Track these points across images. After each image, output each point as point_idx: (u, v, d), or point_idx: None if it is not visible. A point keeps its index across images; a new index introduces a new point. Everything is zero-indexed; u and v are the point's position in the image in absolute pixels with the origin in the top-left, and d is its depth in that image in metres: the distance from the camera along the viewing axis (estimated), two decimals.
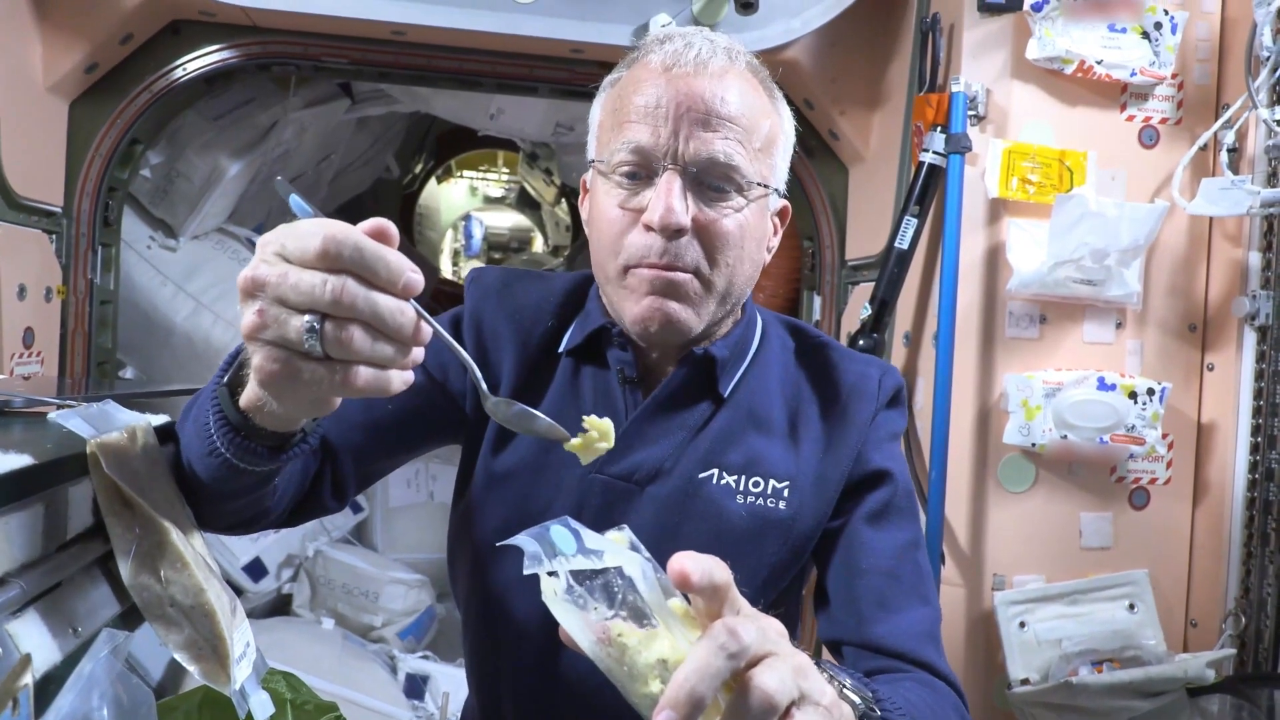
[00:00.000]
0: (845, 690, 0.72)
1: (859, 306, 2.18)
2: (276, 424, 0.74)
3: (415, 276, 0.64)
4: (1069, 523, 1.99)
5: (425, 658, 3.11)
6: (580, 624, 0.60)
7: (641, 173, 0.95)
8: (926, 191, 2.01)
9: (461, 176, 7.20)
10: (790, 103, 1.08)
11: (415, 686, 2.95)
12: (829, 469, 1.02)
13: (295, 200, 0.68)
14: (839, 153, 2.50)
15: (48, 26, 2.15)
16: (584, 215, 1.07)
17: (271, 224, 3.76)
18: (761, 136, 0.97)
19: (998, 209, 1.98)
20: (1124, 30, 1.96)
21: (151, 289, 2.89)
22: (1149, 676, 1.81)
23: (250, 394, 0.72)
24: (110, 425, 0.85)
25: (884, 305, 2.08)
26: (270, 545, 3.35)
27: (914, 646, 0.95)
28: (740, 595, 0.59)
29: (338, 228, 0.62)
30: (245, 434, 0.75)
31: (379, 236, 0.64)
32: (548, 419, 0.81)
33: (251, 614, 3.18)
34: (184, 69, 2.31)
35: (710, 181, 0.94)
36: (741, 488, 1.01)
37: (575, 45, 2.22)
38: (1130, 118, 2.02)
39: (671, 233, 0.92)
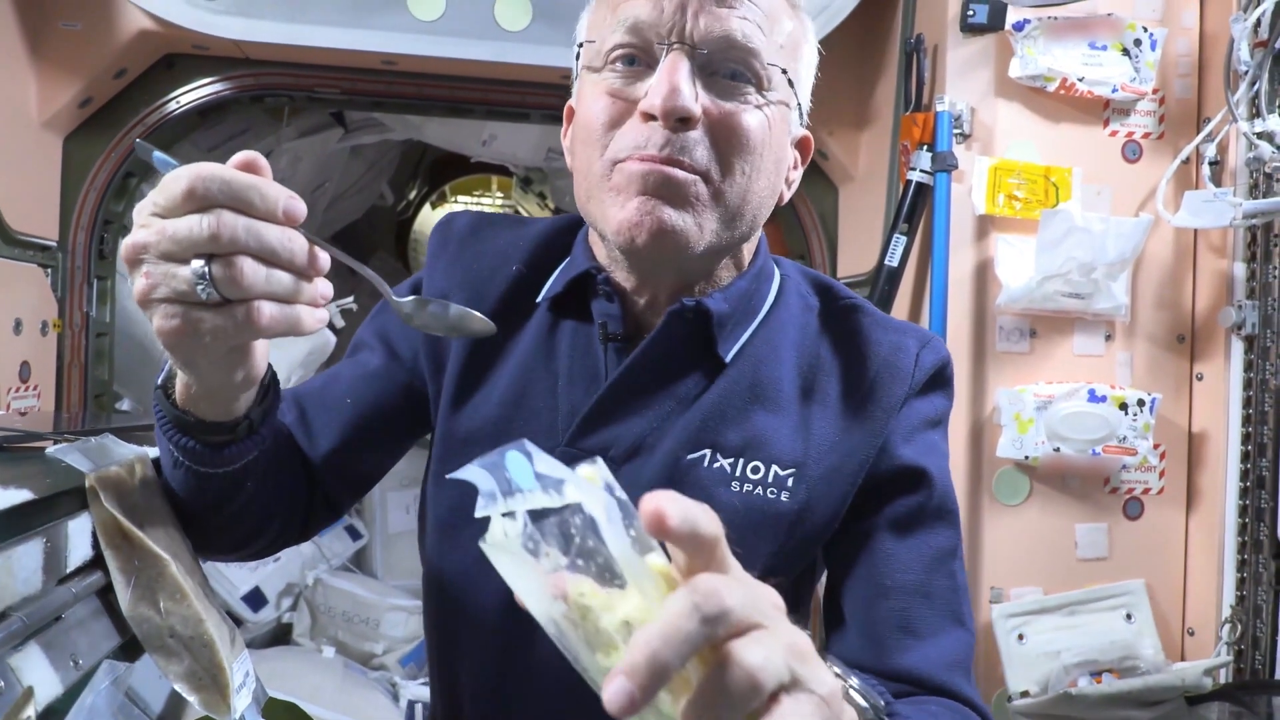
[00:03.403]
0: (851, 691, 0.63)
1: None
2: (214, 410, 0.72)
3: (296, 203, 0.62)
4: (1064, 534, 2.00)
5: (426, 684, 3.10)
6: (529, 575, 0.49)
7: (641, 59, 0.79)
8: (915, 209, 2.03)
9: (456, 202, 7.23)
10: None
11: (417, 714, 2.94)
12: (845, 458, 0.86)
13: (158, 156, 0.65)
14: (828, 172, 2.53)
15: (42, 62, 2.17)
16: (565, 145, 0.91)
17: None
18: (784, 33, 0.82)
19: (985, 225, 2.00)
20: (1104, 48, 1.99)
21: (147, 321, 2.90)
22: (1147, 685, 1.81)
23: (179, 383, 0.70)
24: (108, 459, 0.86)
25: None
26: (269, 574, 3.35)
27: (943, 678, 0.82)
28: (734, 558, 0.49)
29: (202, 166, 0.59)
30: (186, 430, 0.73)
31: (248, 168, 0.62)
32: (473, 311, 0.75)
33: (251, 644, 3.17)
34: (178, 102, 2.33)
35: (725, 68, 0.78)
36: (737, 473, 0.85)
37: (565, 71, 2.23)
38: (1113, 133, 2.05)
39: (675, 121, 0.75)
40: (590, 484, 0.49)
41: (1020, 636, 1.91)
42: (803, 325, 0.91)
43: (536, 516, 0.49)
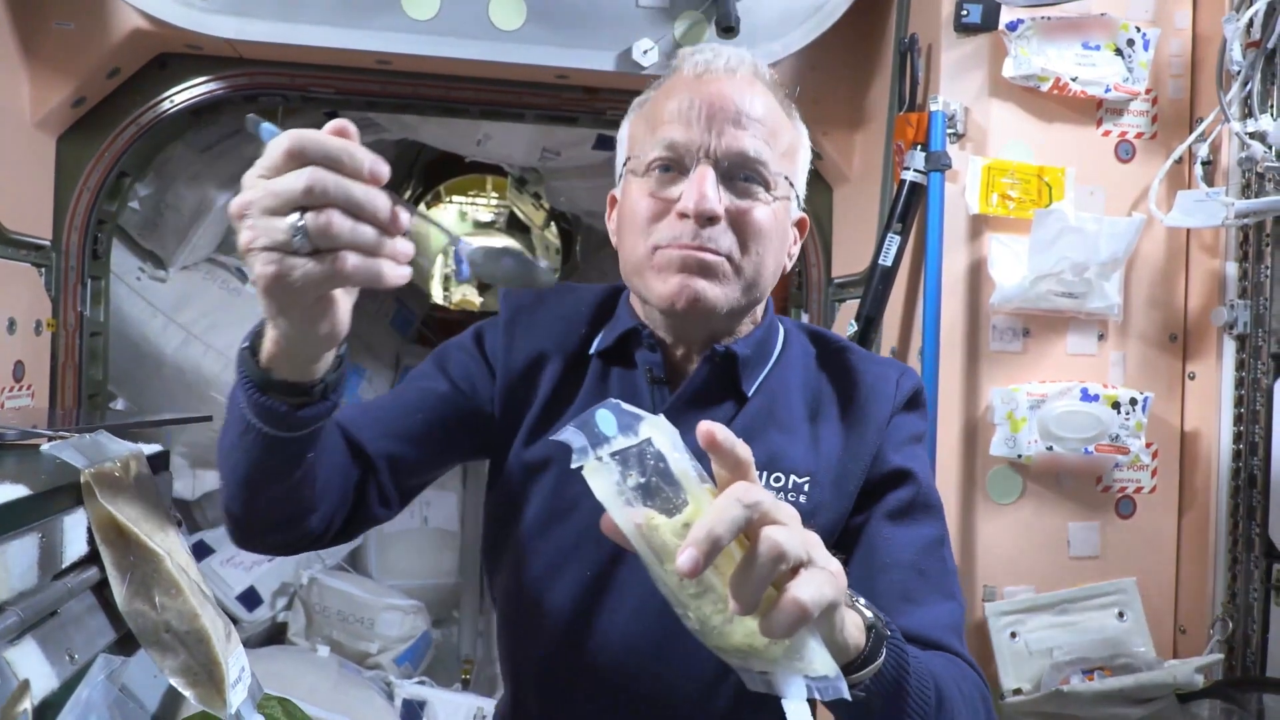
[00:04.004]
0: (858, 604, 0.78)
1: (845, 323, 2.20)
2: (295, 370, 0.79)
3: (380, 165, 0.69)
4: (1057, 533, 2.01)
5: (422, 683, 3.10)
6: (616, 498, 0.67)
7: (675, 167, 1.00)
8: (909, 209, 2.03)
9: (450, 202, 7.22)
10: None
11: (412, 712, 2.94)
12: (848, 465, 1.05)
13: (265, 126, 0.73)
14: (823, 172, 2.54)
15: (35, 62, 2.17)
16: (611, 227, 1.13)
17: None
18: (784, 143, 1.04)
19: (979, 225, 2.01)
20: (1098, 48, 2.00)
21: (141, 320, 2.90)
22: (1139, 683, 1.82)
23: (267, 342, 0.77)
24: (103, 455, 0.86)
25: (870, 322, 2.10)
26: (264, 574, 3.34)
27: (937, 636, 0.96)
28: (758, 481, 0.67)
29: (301, 131, 0.68)
30: (266, 390, 0.79)
31: (340, 134, 0.69)
32: (543, 263, 0.86)
33: (246, 644, 3.15)
34: (171, 102, 2.32)
35: (740, 175, 1.00)
36: (762, 483, 1.00)
37: (560, 71, 2.25)
38: (1106, 133, 2.06)
39: (705, 220, 0.97)
40: (660, 424, 0.69)
41: (1013, 634, 1.92)
42: (804, 365, 1.13)
43: (619, 452, 0.67)
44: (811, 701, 0.69)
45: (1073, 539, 2.01)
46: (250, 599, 3.27)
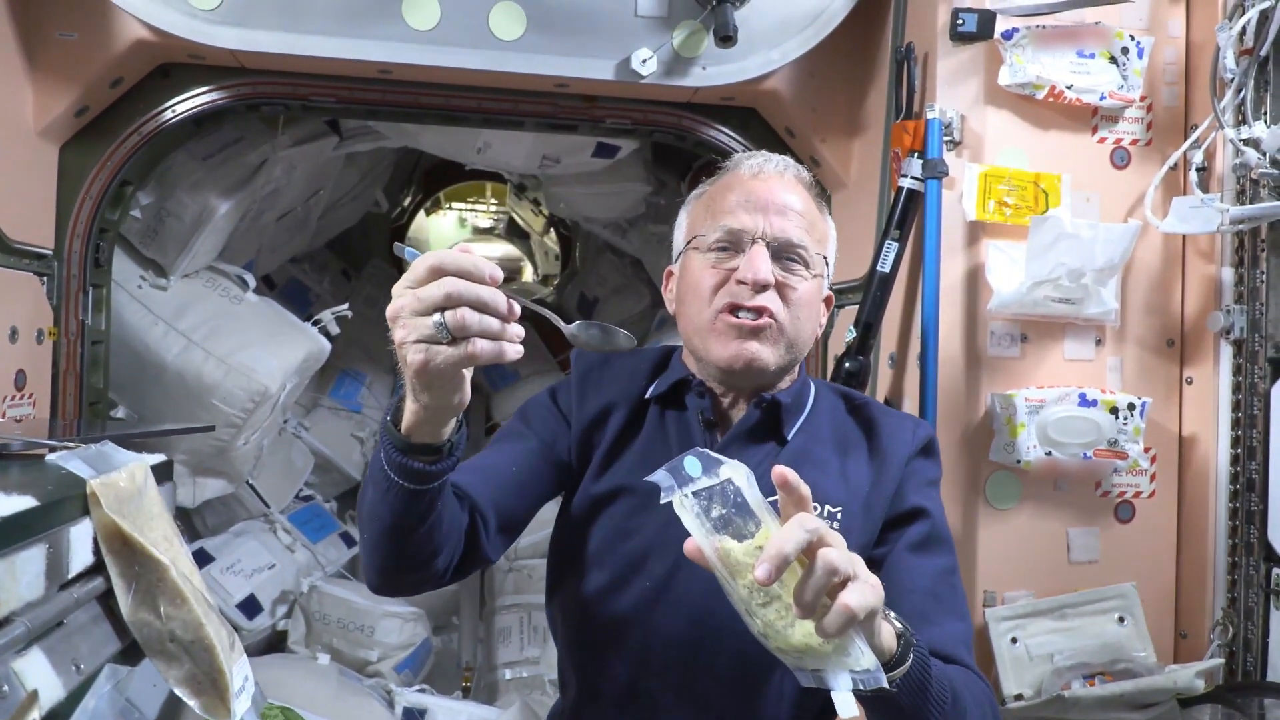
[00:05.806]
0: (890, 616, 0.95)
1: (844, 330, 2.21)
2: (429, 434, 0.97)
3: (497, 271, 0.88)
4: (1057, 538, 2.01)
5: (422, 691, 3.10)
6: (699, 526, 0.85)
7: (733, 247, 1.25)
8: (906, 216, 2.04)
9: (450, 208, 7.23)
10: (771, 131, 1.33)
11: None
12: (874, 499, 1.25)
13: (409, 251, 0.93)
14: (821, 179, 2.54)
15: (38, 71, 2.19)
16: (669, 296, 1.38)
17: (261, 260, 3.78)
18: (819, 233, 1.30)
19: (976, 231, 2.02)
20: (1092, 56, 2.01)
21: (142, 328, 2.90)
22: (1140, 688, 1.83)
23: (407, 414, 0.96)
24: (109, 466, 0.87)
25: (868, 328, 2.11)
26: (264, 582, 3.35)
27: (950, 650, 1.13)
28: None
29: (437, 253, 0.87)
30: (408, 452, 0.97)
31: (464, 251, 0.88)
32: (623, 331, 1.05)
33: (246, 651, 3.16)
34: (173, 111, 2.34)
35: (786, 254, 1.24)
36: None
37: (559, 80, 2.26)
38: (1102, 140, 2.07)
39: (760, 287, 1.21)
40: (738, 467, 0.87)
41: (1014, 640, 1.92)
42: (833, 415, 1.35)
43: (705, 490, 0.86)
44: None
45: (1072, 544, 2.02)
46: (250, 607, 3.27)
